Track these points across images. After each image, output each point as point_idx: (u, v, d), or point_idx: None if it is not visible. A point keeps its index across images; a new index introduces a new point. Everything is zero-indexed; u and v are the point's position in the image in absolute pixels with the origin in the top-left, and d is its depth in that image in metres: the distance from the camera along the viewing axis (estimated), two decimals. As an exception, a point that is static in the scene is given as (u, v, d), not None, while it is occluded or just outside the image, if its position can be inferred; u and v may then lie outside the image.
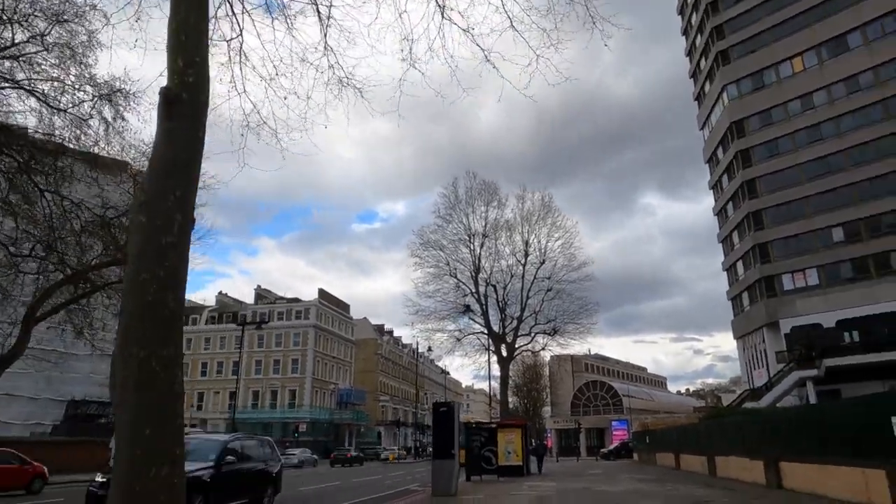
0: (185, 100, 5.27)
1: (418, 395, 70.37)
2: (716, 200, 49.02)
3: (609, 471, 29.07)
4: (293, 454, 40.20)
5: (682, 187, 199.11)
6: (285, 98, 8.46)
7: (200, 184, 7.19)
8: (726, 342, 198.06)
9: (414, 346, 52.96)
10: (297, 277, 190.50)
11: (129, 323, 4.78)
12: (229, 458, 11.37)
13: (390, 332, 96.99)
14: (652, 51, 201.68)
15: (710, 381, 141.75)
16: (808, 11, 40.28)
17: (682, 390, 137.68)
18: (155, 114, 5.50)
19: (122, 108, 17.71)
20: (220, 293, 70.20)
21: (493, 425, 23.54)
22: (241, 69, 7.93)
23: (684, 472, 25.50)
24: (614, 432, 63.18)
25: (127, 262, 5.84)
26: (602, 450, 53.29)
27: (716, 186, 48.75)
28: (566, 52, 7.51)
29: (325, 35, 7.99)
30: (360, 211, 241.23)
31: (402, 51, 7.95)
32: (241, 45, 7.75)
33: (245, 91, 8.14)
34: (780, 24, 41.58)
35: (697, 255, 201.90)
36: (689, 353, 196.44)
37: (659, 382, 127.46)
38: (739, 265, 44.42)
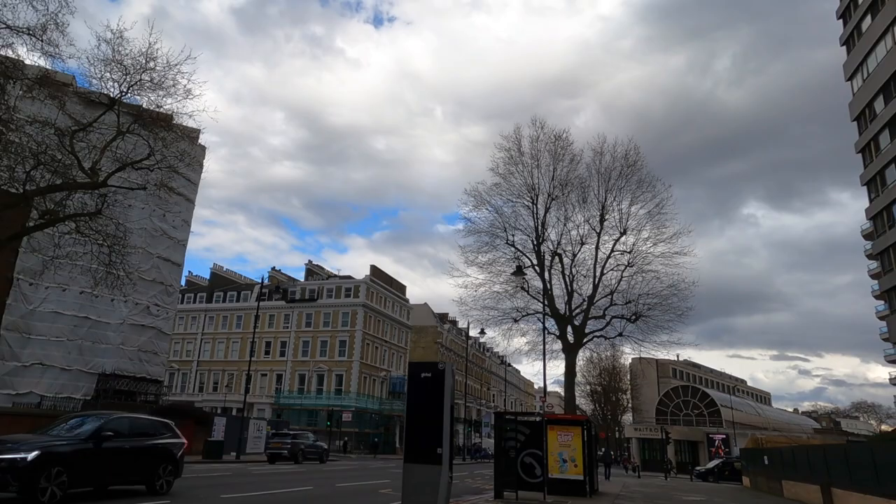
0: None
1: (466, 387, 62.77)
2: (865, 166, 37.88)
3: (716, 499, 20.48)
4: (291, 440, 31.43)
5: (793, 198, 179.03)
6: None
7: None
8: (839, 365, 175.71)
9: (465, 326, 45.81)
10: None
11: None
12: (107, 433, 11.11)
13: (453, 322, 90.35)
14: (768, 61, 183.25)
15: (821, 403, 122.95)
16: None
17: (790, 410, 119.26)
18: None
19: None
20: (273, 269, 66.74)
21: (538, 419, 16.02)
22: None
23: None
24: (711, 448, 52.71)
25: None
26: (697, 468, 43.43)
27: (866, 148, 37.65)
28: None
29: None
30: (447, 212, 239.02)
31: None
32: None
33: None
34: None
35: (804, 270, 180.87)
36: (794, 373, 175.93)
37: (762, 398, 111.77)
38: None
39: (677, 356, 74.81)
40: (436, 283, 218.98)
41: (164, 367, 43.66)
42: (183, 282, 71.97)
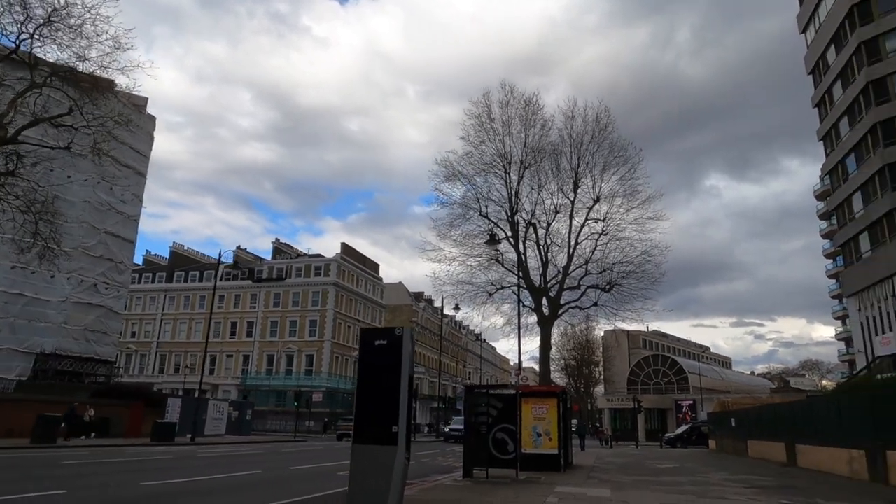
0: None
1: (441, 365, 62.50)
2: (821, 121, 38.02)
3: (687, 465, 20.38)
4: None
5: (750, 168, 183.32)
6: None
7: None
8: (789, 327, 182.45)
9: (440, 303, 45.03)
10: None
11: None
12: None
13: (429, 301, 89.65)
14: (724, 32, 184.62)
15: (773, 365, 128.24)
16: None
17: (747, 373, 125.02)
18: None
19: None
20: (238, 248, 64.47)
21: (512, 391, 15.31)
22: None
23: (810, 472, 16.56)
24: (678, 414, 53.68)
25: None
26: (666, 434, 44.03)
27: (822, 102, 37.73)
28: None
29: None
30: (424, 193, 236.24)
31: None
32: None
33: None
34: None
35: (761, 238, 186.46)
36: (750, 339, 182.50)
37: (724, 363, 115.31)
38: (857, 198, 33.70)
39: (647, 327, 75.90)
40: (413, 265, 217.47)
41: (117, 348, 41.77)
42: (141, 261, 69.20)
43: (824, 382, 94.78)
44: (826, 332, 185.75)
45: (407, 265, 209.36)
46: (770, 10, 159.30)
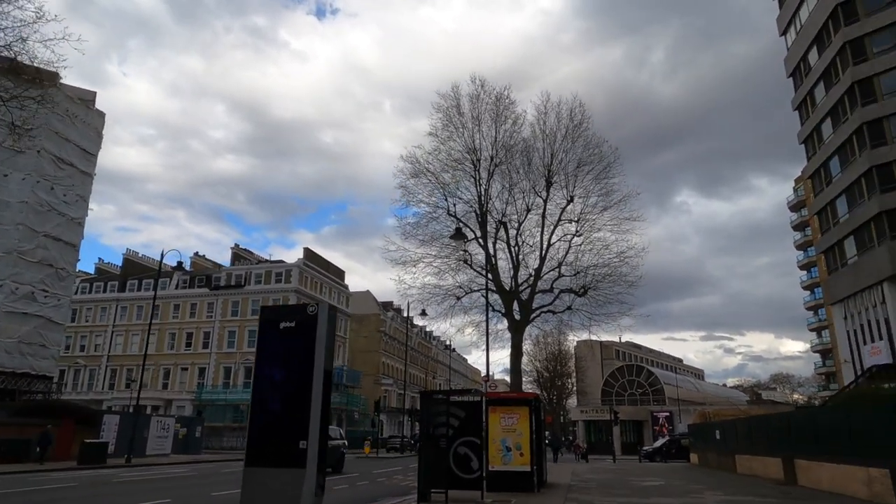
0: None
1: (406, 375, 59.84)
2: (802, 123, 37.09)
3: (674, 482, 18.30)
4: None
5: (720, 186, 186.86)
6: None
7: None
8: (757, 341, 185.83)
9: (406, 308, 42.50)
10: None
11: None
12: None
13: (398, 310, 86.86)
14: (697, 54, 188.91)
15: (744, 378, 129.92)
16: None
17: (721, 385, 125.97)
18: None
19: None
20: (196, 254, 60.78)
21: (478, 398, 13.01)
22: None
23: (817, 492, 14.57)
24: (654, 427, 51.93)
25: None
26: (644, 448, 42.08)
27: (803, 104, 36.81)
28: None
29: None
30: (397, 205, 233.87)
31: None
32: None
33: None
34: None
35: (730, 254, 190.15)
36: (720, 352, 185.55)
37: (698, 375, 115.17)
38: (841, 201, 32.60)
39: (620, 338, 74.54)
40: (385, 277, 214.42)
41: (58, 363, 38.23)
42: (92, 269, 64.92)
43: (795, 396, 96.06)
44: (794, 346, 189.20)
45: (380, 277, 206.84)
46: (742, 33, 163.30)
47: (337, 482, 17.37)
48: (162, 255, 28.30)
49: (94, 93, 39.76)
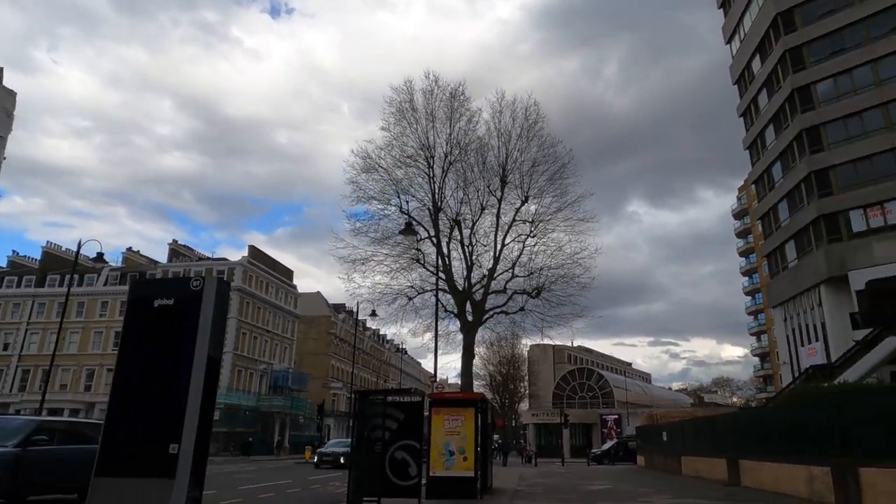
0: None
1: (354, 378, 58.28)
2: (747, 130, 38.07)
3: (621, 485, 17.84)
4: None
5: (669, 196, 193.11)
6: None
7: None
8: (700, 347, 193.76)
9: (354, 308, 41.18)
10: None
11: None
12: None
13: (350, 312, 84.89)
14: (649, 68, 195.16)
15: (688, 382, 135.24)
16: None
17: (667, 388, 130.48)
18: None
19: None
20: (129, 249, 57.10)
21: (419, 398, 12.06)
22: None
23: (760, 492, 14.35)
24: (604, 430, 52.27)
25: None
26: (592, 451, 42.10)
27: (748, 110, 37.79)
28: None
29: None
30: (356, 208, 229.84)
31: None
32: None
33: None
34: None
35: (677, 263, 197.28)
36: (666, 357, 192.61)
37: (645, 378, 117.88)
38: (782, 206, 33.50)
39: (572, 342, 75.18)
40: (338, 279, 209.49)
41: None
42: (4, 262, 59.86)
43: (734, 399, 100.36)
44: (734, 351, 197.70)
45: (335, 280, 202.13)
46: (691, 50, 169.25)
47: (264, 489, 16.00)
48: (79, 246, 25.56)
49: (1, 68, 36.51)
